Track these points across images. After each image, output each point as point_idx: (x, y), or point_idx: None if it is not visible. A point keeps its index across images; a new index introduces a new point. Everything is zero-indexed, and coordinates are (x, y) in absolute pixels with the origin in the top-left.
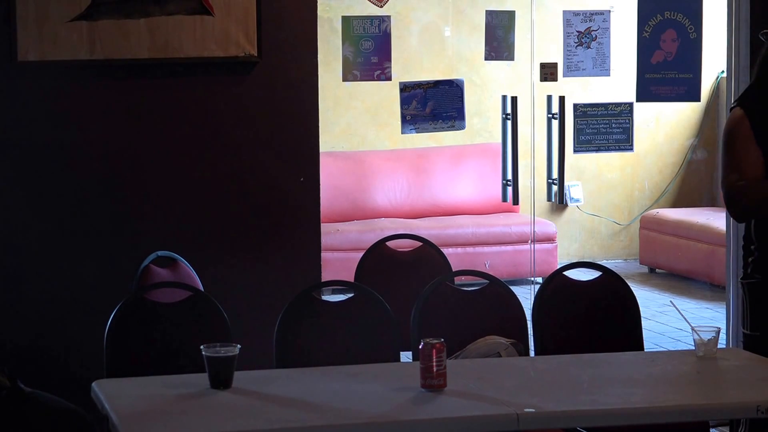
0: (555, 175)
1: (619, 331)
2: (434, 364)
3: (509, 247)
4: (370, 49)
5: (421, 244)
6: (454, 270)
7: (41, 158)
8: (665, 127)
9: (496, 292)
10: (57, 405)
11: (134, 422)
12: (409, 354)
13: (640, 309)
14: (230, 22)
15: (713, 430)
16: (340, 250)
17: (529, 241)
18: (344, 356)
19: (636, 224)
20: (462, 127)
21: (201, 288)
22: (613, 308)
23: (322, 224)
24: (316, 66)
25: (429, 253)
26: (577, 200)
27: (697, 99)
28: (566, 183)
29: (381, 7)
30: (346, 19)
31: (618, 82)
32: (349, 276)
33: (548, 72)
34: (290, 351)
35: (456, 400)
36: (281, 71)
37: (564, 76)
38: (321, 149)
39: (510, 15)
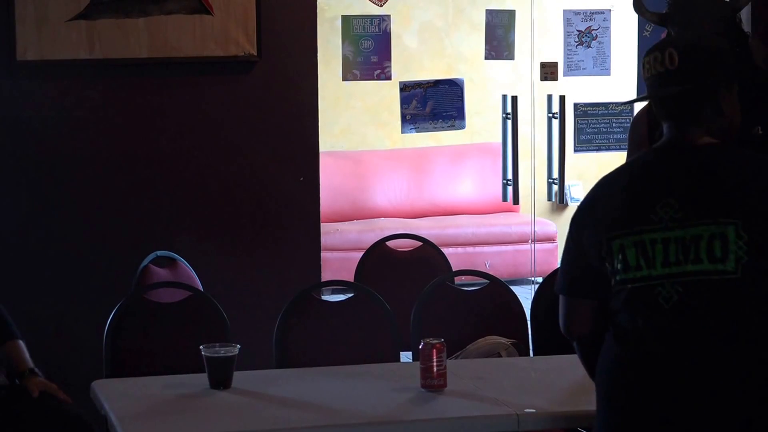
0: (555, 174)
1: None
2: (434, 364)
3: (509, 247)
4: (370, 49)
5: (421, 244)
6: (454, 270)
7: (40, 158)
8: None
9: (496, 292)
10: (55, 405)
11: (134, 422)
12: (409, 354)
13: None
14: (230, 21)
15: None
16: (340, 250)
17: (530, 241)
18: (344, 356)
19: None
20: (462, 127)
21: (201, 288)
22: None
23: (322, 224)
24: (315, 65)
25: (429, 253)
26: (578, 200)
27: None
28: (567, 182)
29: (381, 6)
30: (345, 19)
31: (618, 82)
32: (349, 276)
33: (548, 71)
34: (290, 351)
35: (456, 400)
36: (281, 71)
37: (564, 75)
38: (321, 149)
39: (510, 14)
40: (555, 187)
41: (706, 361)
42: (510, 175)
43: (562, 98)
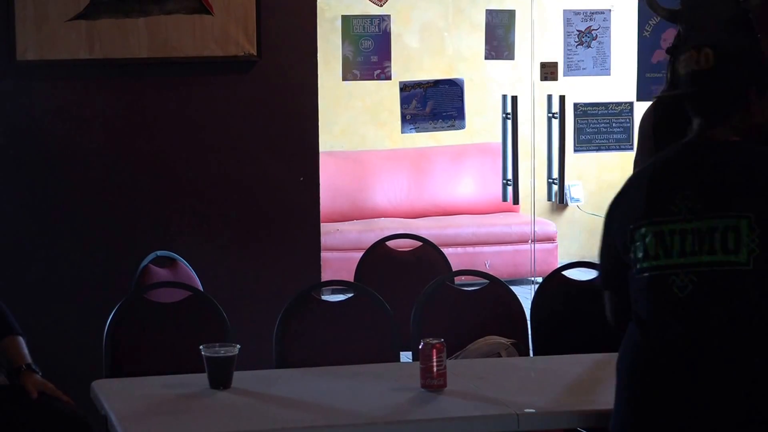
0: (555, 174)
1: None
2: (434, 364)
3: (509, 247)
4: (370, 49)
5: (421, 244)
6: (454, 270)
7: (40, 158)
8: None
9: (496, 292)
10: (55, 405)
11: (134, 422)
12: (409, 354)
13: None
14: (230, 21)
15: None
16: (340, 250)
17: (530, 241)
18: (344, 356)
19: None
20: (462, 127)
21: (201, 288)
22: None
23: (322, 224)
24: (315, 65)
25: (429, 253)
26: (578, 200)
27: None
28: (566, 182)
29: (381, 6)
30: (346, 19)
31: (618, 82)
32: (349, 276)
33: (548, 71)
34: (290, 351)
35: (456, 400)
36: (281, 71)
37: (564, 75)
38: (321, 149)
39: (510, 14)
40: (555, 187)
41: (719, 349)
42: (510, 175)
43: (562, 98)
